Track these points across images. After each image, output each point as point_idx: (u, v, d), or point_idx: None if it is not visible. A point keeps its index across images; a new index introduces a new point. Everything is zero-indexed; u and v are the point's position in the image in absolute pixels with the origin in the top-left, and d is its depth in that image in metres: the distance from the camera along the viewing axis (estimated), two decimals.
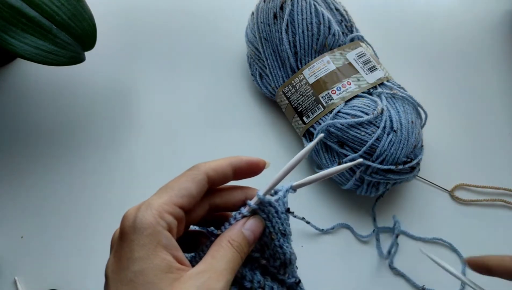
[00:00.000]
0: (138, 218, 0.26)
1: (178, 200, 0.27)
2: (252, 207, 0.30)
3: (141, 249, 0.25)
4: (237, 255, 0.28)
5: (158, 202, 0.27)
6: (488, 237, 0.51)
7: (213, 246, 0.28)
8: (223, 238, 0.28)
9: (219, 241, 0.28)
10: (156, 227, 0.26)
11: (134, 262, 0.25)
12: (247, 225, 0.29)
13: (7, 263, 0.48)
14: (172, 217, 0.27)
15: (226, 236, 0.28)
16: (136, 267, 0.25)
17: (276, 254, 0.31)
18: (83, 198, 0.51)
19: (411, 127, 0.47)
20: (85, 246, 0.49)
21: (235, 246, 0.28)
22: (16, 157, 0.53)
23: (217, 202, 0.31)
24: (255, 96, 0.57)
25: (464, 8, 0.64)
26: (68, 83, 0.56)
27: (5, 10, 0.42)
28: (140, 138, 0.54)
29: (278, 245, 0.31)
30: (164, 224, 0.26)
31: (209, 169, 0.29)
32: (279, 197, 0.31)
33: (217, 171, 0.29)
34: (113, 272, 0.26)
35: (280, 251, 0.31)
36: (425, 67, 0.60)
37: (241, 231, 0.29)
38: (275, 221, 0.30)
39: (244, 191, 0.32)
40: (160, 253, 0.25)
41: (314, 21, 0.49)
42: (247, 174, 0.31)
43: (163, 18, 0.61)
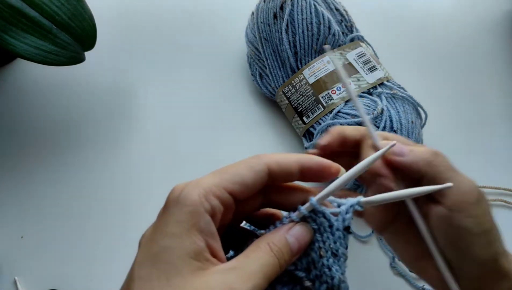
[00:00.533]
0: (183, 192, 0.24)
1: (229, 185, 0.25)
2: (302, 213, 0.26)
3: (176, 225, 0.24)
4: (274, 260, 0.25)
5: (208, 182, 0.25)
6: None
7: (250, 246, 0.25)
8: (263, 239, 0.25)
9: (258, 242, 0.25)
10: (198, 206, 0.24)
11: (164, 237, 0.24)
12: (292, 231, 0.26)
13: (7, 263, 0.48)
14: (219, 201, 0.24)
15: (267, 238, 0.25)
16: (165, 242, 0.23)
17: (323, 276, 0.26)
18: (83, 198, 0.51)
19: (411, 127, 0.47)
20: (85, 246, 0.49)
21: (274, 251, 0.25)
22: (16, 157, 0.53)
23: (272, 198, 0.28)
24: (255, 96, 0.57)
25: (464, 8, 0.64)
26: (68, 83, 0.56)
27: (5, 10, 0.42)
28: (140, 137, 0.54)
29: (326, 265, 0.26)
30: (207, 206, 0.24)
31: (272, 161, 0.26)
32: (340, 211, 0.27)
33: (280, 165, 0.26)
34: (145, 241, 0.25)
35: (327, 273, 0.26)
36: (425, 67, 0.60)
37: (284, 236, 0.25)
38: (326, 236, 0.26)
39: (305, 193, 0.28)
40: (194, 235, 0.23)
41: (314, 21, 0.49)
42: (315, 178, 0.27)
43: (163, 18, 0.61)
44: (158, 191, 0.51)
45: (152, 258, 0.24)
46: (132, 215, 0.50)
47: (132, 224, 0.50)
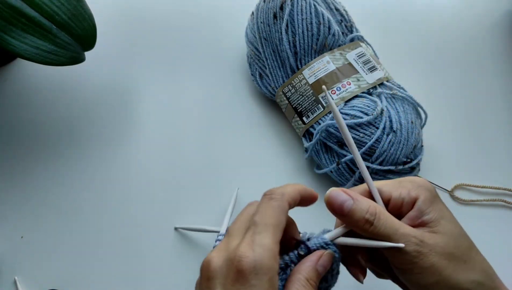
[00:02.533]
0: (257, 261, 0.26)
1: (279, 237, 0.28)
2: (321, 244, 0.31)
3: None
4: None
5: (269, 242, 0.27)
6: (488, 237, 0.50)
7: (294, 284, 0.29)
8: (301, 276, 0.29)
9: (298, 279, 0.29)
10: (274, 272, 0.26)
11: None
12: (320, 261, 0.30)
13: (7, 263, 0.48)
14: (279, 256, 0.28)
15: (305, 274, 0.29)
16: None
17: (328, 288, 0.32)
18: (83, 198, 0.51)
19: (411, 127, 0.47)
20: (85, 246, 0.49)
21: (313, 286, 0.29)
22: (16, 157, 0.53)
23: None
24: (255, 96, 0.57)
25: (464, 8, 0.64)
26: (68, 83, 0.56)
27: (5, 10, 0.42)
28: (140, 137, 0.54)
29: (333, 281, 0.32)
30: (277, 268, 0.27)
31: (290, 199, 0.30)
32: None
33: (294, 200, 0.30)
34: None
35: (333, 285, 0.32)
36: (425, 67, 0.60)
37: (315, 268, 0.29)
38: (335, 265, 0.32)
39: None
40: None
41: (314, 21, 0.49)
42: (305, 204, 0.32)
43: (163, 18, 0.61)
44: (159, 191, 0.52)
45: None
46: (133, 215, 0.50)
47: (133, 224, 0.50)
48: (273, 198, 0.29)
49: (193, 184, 0.52)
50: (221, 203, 0.51)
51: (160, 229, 0.50)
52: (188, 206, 0.51)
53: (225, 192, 0.51)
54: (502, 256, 0.50)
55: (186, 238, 0.49)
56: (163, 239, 0.49)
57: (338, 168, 0.48)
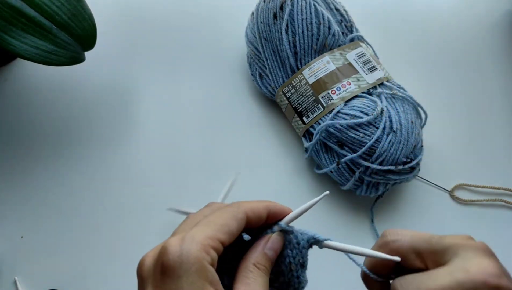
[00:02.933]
0: (184, 251, 0.25)
1: (221, 236, 0.27)
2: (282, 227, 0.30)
3: (190, 286, 0.25)
4: (265, 278, 0.28)
5: (203, 235, 0.26)
6: (488, 237, 0.50)
7: (241, 272, 0.28)
8: (249, 262, 0.28)
9: (245, 266, 0.28)
10: (203, 262, 0.25)
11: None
12: (268, 245, 0.29)
13: (7, 263, 0.48)
14: (215, 252, 0.27)
15: (252, 259, 0.28)
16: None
17: (291, 282, 0.31)
18: (83, 198, 0.51)
19: (411, 127, 0.47)
20: (85, 246, 0.49)
21: (262, 270, 0.28)
22: (16, 157, 0.53)
23: None
24: (255, 96, 0.57)
25: (464, 8, 0.64)
26: (68, 83, 0.56)
27: (5, 10, 0.42)
28: (140, 138, 0.54)
29: (295, 276, 0.31)
30: (209, 259, 0.26)
31: (249, 209, 0.29)
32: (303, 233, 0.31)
33: (254, 212, 0.29)
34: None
35: (296, 281, 0.31)
36: (425, 67, 0.60)
37: (264, 253, 0.29)
38: (295, 252, 0.30)
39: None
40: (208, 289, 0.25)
41: (314, 21, 0.49)
42: (274, 220, 0.31)
43: (163, 18, 0.61)
44: (159, 191, 0.52)
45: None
46: (133, 215, 0.50)
47: (133, 224, 0.50)
48: (230, 205, 0.29)
49: (193, 184, 0.52)
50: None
51: (160, 229, 0.50)
52: (188, 206, 0.51)
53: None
54: (502, 256, 0.50)
55: None
56: (163, 239, 0.49)
57: (338, 168, 0.48)
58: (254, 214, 0.29)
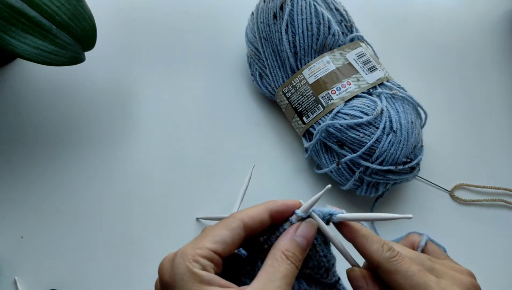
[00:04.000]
0: (174, 266, 0.27)
1: (211, 246, 0.27)
2: (300, 216, 0.29)
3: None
4: (292, 267, 0.27)
5: (192, 248, 0.27)
6: (488, 237, 0.51)
7: (267, 260, 0.27)
8: (277, 249, 0.28)
9: (273, 253, 0.27)
10: (192, 269, 0.26)
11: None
12: (299, 231, 0.28)
13: (7, 263, 0.48)
14: (207, 260, 0.27)
15: (280, 247, 0.28)
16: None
17: (321, 263, 0.30)
18: (83, 198, 0.51)
19: (411, 127, 0.47)
20: (85, 246, 0.49)
21: (290, 257, 0.27)
22: (15, 157, 0.53)
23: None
24: (255, 96, 0.57)
25: (464, 8, 0.64)
26: (68, 83, 0.56)
27: (5, 10, 0.42)
28: (140, 138, 0.54)
29: (322, 255, 0.30)
30: (199, 266, 0.26)
31: (245, 216, 0.28)
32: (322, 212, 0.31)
33: (253, 218, 0.28)
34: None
35: (324, 260, 0.30)
36: (425, 67, 0.60)
37: (293, 239, 0.28)
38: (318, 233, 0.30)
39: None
40: (206, 288, 0.26)
41: (314, 21, 0.49)
42: (283, 216, 0.30)
43: (163, 18, 0.61)
44: (158, 191, 0.52)
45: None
46: (133, 215, 0.50)
47: (133, 224, 0.50)
48: (229, 217, 0.29)
49: (193, 184, 0.52)
50: (220, 203, 0.51)
51: (159, 229, 0.50)
52: (188, 206, 0.51)
53: (225, 192, 0.51)
54: (502, 256, 0.51)
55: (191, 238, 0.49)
56: (163, 239, 0.49)
57: (338, 168, 0.48)
58: (253, 220, 0.29)
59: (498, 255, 0.50)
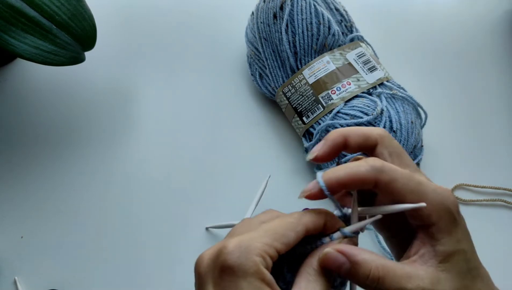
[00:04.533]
0: (242, 254, 0.27)
1: (278, 246, 0.27)
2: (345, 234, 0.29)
3: (249, 286, 0.26)
4: (328, 284, 0.28)
5: (261, 241, 0.27)
6: (488, 237, 0.51)
7: (305, 268, 0.28)
8: (314, 259, 0.28)
9: (310, 263, 0.28)
10: (259, 266, 0.26)
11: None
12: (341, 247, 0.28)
13: (7, 263, 0.48)
14: (271, 259, 0.27)
15: (314, 263, 0.28)
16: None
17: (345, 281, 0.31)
18: (83, 198, 0.51)
19: (411, 127, 0.47)
20: (86, 246, 0.49)
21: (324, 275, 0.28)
22: (15, 157, 0.53)
23: None
24: (255, 96, 0.57)
25: (464, 8, 0.64)
26: (68, 83, 0.56)
27: (5, 10, 0.42)
28: (140, 138, 0.54)
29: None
30: (264, 263, 0.27)
31: (310, 222, 0.29)
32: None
33: (315, 225, 0.29)
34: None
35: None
36: (425, 67, 0.60)
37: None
38: None
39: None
40: (265, 289, 0.26)
41: (314, 21, 0.49)
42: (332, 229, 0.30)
43: (163, 18, 0.61)
44: (158, 191, 0.51)
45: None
46: (133, 215, 0.50)
47: (133, 224, 0.50)
48: (291, 216, 0.29)
49: (193, 184, 0.52)
50: (219, 203, 0.51)
51: (159, 228, 0.50)
52: (187, 206, 0.51)
53: (224, 193, 0.51)
54: (502, 256, 0.51)
55: (187, 238, 0.49)
56: (163, 238, 0.49)
57: None
58: (313, 227, 0.29)
59: (498, 255, 0.50)
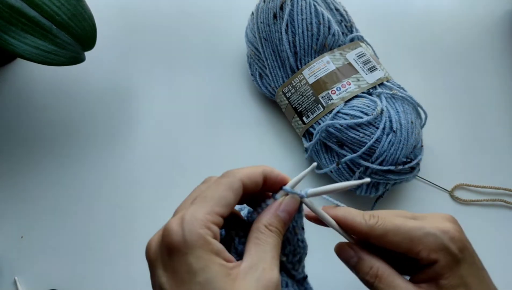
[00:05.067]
0: (186, 231, 0.26)
1: (219, 210, 0.28)
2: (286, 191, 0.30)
3: (198, 260, 0.26)
4: (277, 239, 0.29)
5: (202, 212, 0.27)
6: (488, 237, 0.51)
7: (252, 233, 0.29)
8: (260, 224, 0.29)
9: (256, 227, 0.29)
10: (205, 237, 0.26)
11: (196, 274, 0.26)
12: (282, 207, 0.29)
13: (7, 263, 0.48)
14: (216, 226, 0.27)
15: (263, 221, 0.29)
16: (200, 278, 0.26)
17: (297, 249, 0.31)
18: (83, 198, 0.51)
19: (411, 128, 0.47)
20: (85, 246, 0.49)
21: (274, 231, 0.29)
22: (15, 157, 0.53)
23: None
24: (255, 96, 0.57)
25: (464, 8, 0.64)
26: (68, 83, 0.56)
27: (5, 10, 0.42)
28: (139, 137, 0.54)
29: (300, 240, 0.31)
30: (211, 233, 0.27)
31: (244, 176, 0.29)
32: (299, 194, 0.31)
33: (250, 178, 0.29)
34: (172, 287, 0.26)
35: (301, 246, 0.31)
36: (425, 67, 0.60)
37: (276, 214, 0.29)
38: (297, 215, 0.31)
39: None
40: (215, 259, 0.26)
41: (314, 21, 0.49)
42: (273, 187, 0.31)
43: (163, 18, 0.61)
44: (158, 190, 0.52)
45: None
46: (132, 215, 0.50)
47: (132, 224, 0.50)
48: (224, 176, 0.29)
49: (192, 183, 0.52)
50: None
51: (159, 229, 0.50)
52: None
53: None
54: (502, 256, 0.51)
55: None
56: None
57: (338, 168, 0.48)
58: (250, 181, 0.29)
59: (498, 255, 0.50)
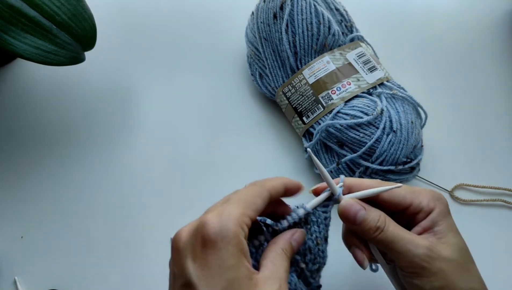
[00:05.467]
0: (223, 226, 0.28)
1: (250, 213, 0.30)
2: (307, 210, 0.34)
3: (231, 258, 0.27)
4: (288, 262, 0.31)
5: (237, 212, 0.29)
6: (488, 237, 0.51)
7: (270, 253, 0.31)
8: (278, 246, 0.31)
9: (275, 248, 0.31)
10: (239, 236, 0.28)
11: (226, 271, 0.27)
12: (295, 236, 0.32)
13: (7, 263, 0.48)
14: (247, 227, 0.29)
15: (280, 245, 0.31)
16: (229, 275, 0.27)
17: (317, 258, 0.33)
18: (83, 198, 0.51)
19: (411, 128, 0.47)
20: (85, 246, 0.49)
21: (287, 256, 0.31)
22: (15, 157, 0.53)
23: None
24: (255, 96, 0.57)
25: (464, 8, 0.64)
26: (68, 83, 0.56)
27: (5, 10, 0.42)
28: (139, 137, 0.54)
29: (321, 250, 0.34)
30: (243, 233, 0.28)
31: (271, 187, 0.32)
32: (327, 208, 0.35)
33: (276, 189, 0.32)
34: (200, 279, 0.27)
35: (321, 256, 0.34)
36: (425, 67, 0.60)
37: (290, 242, 0.32)
38: (322, 227, 0.34)
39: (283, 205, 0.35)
40: (244, 261, 0.28)
41: (314, 21, 0.49)
42: (290, 195, 0.34)
43: (163, 18, 0.61)
44: (158, 191, 0.52)
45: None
46: (132, 215, 0.50)
47: (132, 224, 0.50)
48: (254, 184, 0.32)
49: (193, 184, 0.52)
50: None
51: (159, 229, 0.50)
52: (187, 205, 0.51)
53: (224, 192, 0.51)
54: (502, 256, 0.51)
55: None
56: (163, 238, 0.49)
57: (338, 168, 0.48)
58: (275, 191, 0.32)
59: (498, 255, 0.50)
